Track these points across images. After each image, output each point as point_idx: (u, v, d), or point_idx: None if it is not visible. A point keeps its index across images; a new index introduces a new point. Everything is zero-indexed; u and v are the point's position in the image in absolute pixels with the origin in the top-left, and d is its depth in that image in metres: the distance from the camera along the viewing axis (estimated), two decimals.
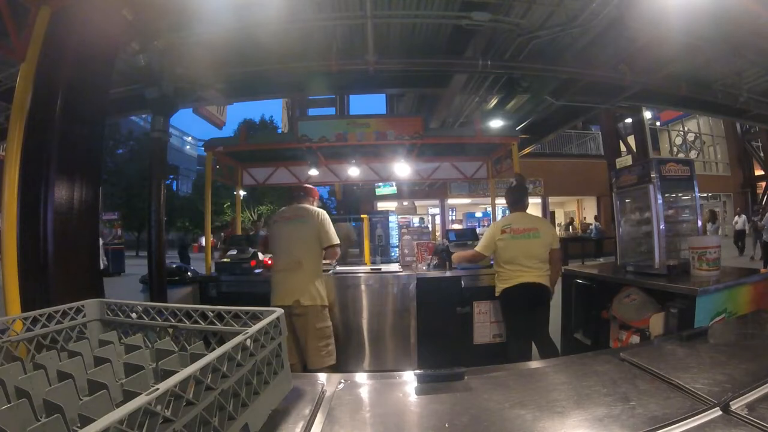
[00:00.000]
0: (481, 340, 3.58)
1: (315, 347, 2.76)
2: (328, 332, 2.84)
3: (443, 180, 8.01)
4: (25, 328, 0.96)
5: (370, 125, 4.59)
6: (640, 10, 3.44)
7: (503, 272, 2.98)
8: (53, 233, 2.16)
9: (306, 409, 0.84)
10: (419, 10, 3.76)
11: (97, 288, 2.48)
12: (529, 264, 2.88)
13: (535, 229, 2.94)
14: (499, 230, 2.98)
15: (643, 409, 0.79)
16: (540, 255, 2.91)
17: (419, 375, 0.98)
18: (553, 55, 4.52)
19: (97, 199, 2.46)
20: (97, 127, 2.53)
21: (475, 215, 17.00)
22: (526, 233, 2.92)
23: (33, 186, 2.13)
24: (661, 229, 2.87)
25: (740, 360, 1.01)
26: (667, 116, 18.93)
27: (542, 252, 2.91)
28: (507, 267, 2.94)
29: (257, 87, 4.79)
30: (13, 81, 1.94)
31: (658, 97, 5.66)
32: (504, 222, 3.03)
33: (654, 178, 2.89)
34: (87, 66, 2.38)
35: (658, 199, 2.88)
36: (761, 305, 2.50)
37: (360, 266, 4.40)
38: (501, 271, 3.01)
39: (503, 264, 2.97)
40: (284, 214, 3.02)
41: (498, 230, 2.99)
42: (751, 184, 18.40)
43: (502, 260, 2.98)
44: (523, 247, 2.90)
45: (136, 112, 5.44)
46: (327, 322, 2.85)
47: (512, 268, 2.91)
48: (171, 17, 3.44)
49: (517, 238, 2.92)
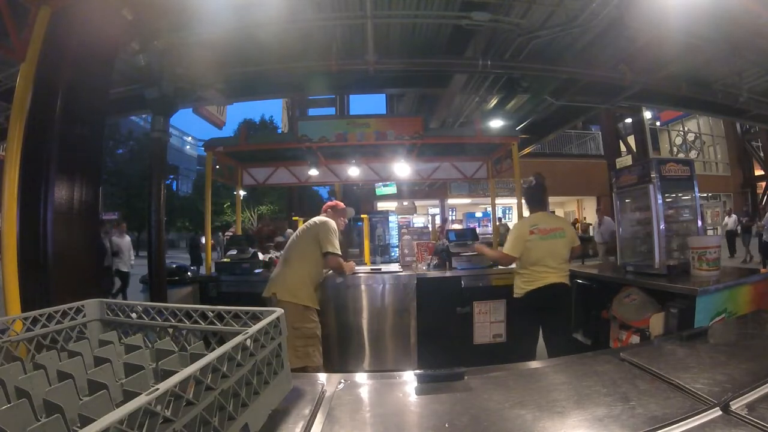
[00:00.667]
0: (481, 340, 3.58)
1: (291, 345, 2.73)
2: (308, 333, 2.77)
3: (443, 180, 8.02)
4: (25, 328, 0.96)
5: (370, 125, 4.59)
6: (640, 10, 3.44)
7: (528, 274, 2.84)
8: (53, 233, 2.16)
9: (306, 409, 0.84)
10: (419, 10, 3.76)
11: (97, 287, 2.48)
12: (555, 264, 2.80)
13: (561, 229, 2.86)
14: (527, 231, 2.84)
15: (643, 409, 0.79)
16: (564, 255, 2.84)
17: (419, 375, 0.98)
18: (553, 55, 4.52)
19: (97, 199, 2.46)
20: (97, 127, 2.53)
21: (475, 215, 16.99)
22: (552, 233, 2.83)
23: (33, 186, 2.13)
24: (661, 229, 2.87)
25: (740, 360, 1.01)
26: (667, 116, 18.92)
27: (566, 252, 2.86)
28: (533, 269, 2.82)
29: (257, 87, 4.79)
30: (13, 81, 1.94)
31: (658, 97, 5.66)
32: (530, 222, 2.90)
33: (654, 178, 2.90)
34: (87, 66, 2.38)
35: (658, 199, 2.88)
36: (761, 305, 2.50)
37: (360, 266, 4.41)
38: (525, 273, 2.86)
39: (529, 266, 2.84)
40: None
41: (525, 231, 2.85)
42: (751, 184, 18.39)
43: (528, 262, 2.84)
44: (550, 247, 2.80)
45: (136, 112, 5.44)
46: (309, 324, 2.79)
47: (538, 269, 2.80)
48: (171, 17, 3.43)
49: (545, 239, 2.81)
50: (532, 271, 2.82)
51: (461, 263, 3.79)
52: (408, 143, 4.67)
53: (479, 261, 3.80)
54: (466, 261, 3.79)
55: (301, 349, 2.72)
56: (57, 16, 2.09)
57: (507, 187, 13.32)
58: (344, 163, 5.44)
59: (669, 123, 19.41)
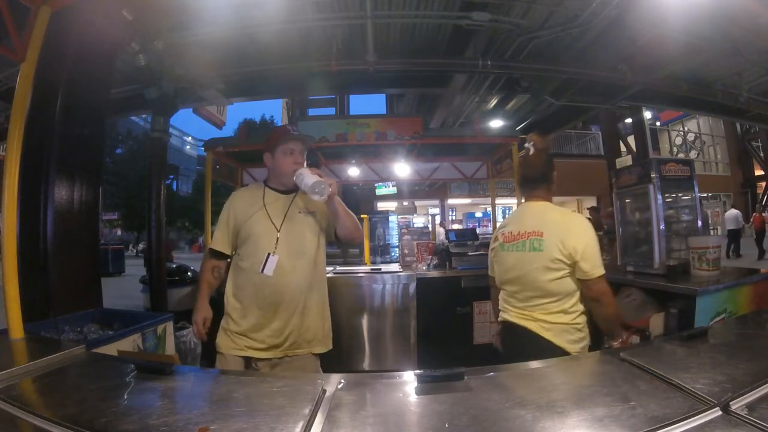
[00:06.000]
0: (481, 340, 3.58)
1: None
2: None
3: (443, 180, 8.03)
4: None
5: (370, 125, 4.59)
6: (640, 10, 3.44)
7: (499, 303, 1.81)
8: (53, 233, 2.17)
9: (306, 409, 0.83)
10: (419, 10, 3.76)
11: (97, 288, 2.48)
12: (517, 294, 1.64)
13: (536, 235, 1.56)
14: (495, 235, 1.83)
15: (643, 409, 0.78)
16: (539, 282, 1.54)
17: (419, 375, 0.98)
18: (553, 55, 4.52)
19: (97, 199, 2.46)
20: (97, 127, 2.53)
21: (475, 215, 17.00)
22: (518, 241, 1.63)
23: (33, 186, 2.13)
24: (661, 229, 2.87)
25: (740, 360, 1.00)
26: (667, 116, 18.92)
27: (544, 276, 1.52)
28: (501, 294, 1.79)
29: (257, 87, 4.79)
30: (13, 81, 1.94)
31: (658, 97, 5.66)
32: (503, 222, 1.87)
33: (654, 178, 2.89)
34: (87, 66, 2.38)
35: (658, 199, 2.88)
36: (761, 305, 2.49)
37: (360, 266, 4.40)
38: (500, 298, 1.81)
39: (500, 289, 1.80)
40: None
41: (494, 236, 1.85)
42: (751, 184, 18.41)
43: (499, 282, 1.80)
44: (514, 263, 1.64)
45: (136, 112, 5.45)
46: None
47: (502, 295, 1.77)
48: (171, 17, 3.43)
49: (507, 250, 1.68)
50: (500, 300, 1.78)
51: (461, 263, 3.79)
52: (408, 143, 4.67)
53: (479, 261, 3.80)
54: (466, 261, 3.79)
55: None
56: (57, 16, 2.08)
57: (507, 187, 13.32)
58: (344, 163, 5.44)
59: (669, 123, 19.43)
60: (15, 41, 1.61)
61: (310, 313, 1.71)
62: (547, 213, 1.63)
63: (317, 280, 1.76)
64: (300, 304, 1.68)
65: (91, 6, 2.33)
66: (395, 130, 4.55)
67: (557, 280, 1.51)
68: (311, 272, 1.72)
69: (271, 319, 1.65)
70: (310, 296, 1.71)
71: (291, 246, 1.68)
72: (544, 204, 1.67)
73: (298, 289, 1.68)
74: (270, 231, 1.68)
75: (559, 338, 1.51)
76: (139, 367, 1.06)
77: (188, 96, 4.34)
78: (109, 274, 12.54)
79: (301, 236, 1.72)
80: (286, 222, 1.70)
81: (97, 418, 0.80)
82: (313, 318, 1.72)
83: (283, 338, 1.66)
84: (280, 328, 1.65)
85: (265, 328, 1.65)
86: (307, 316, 1.70)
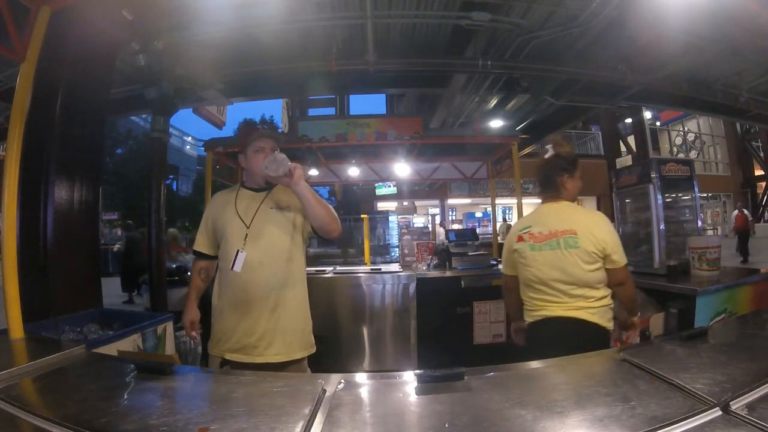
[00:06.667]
0: (481, 340, 3.58)
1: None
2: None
3: (443, 180, 8.03)
4: None
5: (370, 125, 4.59)
6: (640, 10, 3.44)
7: (526, 301, 1.86)
8: (53, 233, 2.16)
9: (306, 408, 0.83)
10: (419, 10, 3.76)
11: (97, 288, 2.48)
12: (561, 288, 1.73)
13: (569, 233, 1.72)
14: (515, 237, 1.87)
15: (643, 409, 0.79)
16: (579, 275, 1.70)
17: (419, 375, 0.98)
18: (553, 55, 4.52)
19: (97, 199, 2.46)
20: (97, 127, 2.53)
21: (474, 215, 17.00)
22: (550, 241, 1.75)
23: (33, 186, 2.13)
24: (661, 229, 2.87)
25: (740, 360, 1.01)
26: (667, 116, 18.91)
27: (582, 271, 1.70)
28: (530, 295, 1.83)
29: (257, 87, 4.79)
30: (13, 81, 1.94)
31: (658, 97, 5.66)
32: (522, 223, 1.93)
33: (654, 178, 2.89)
34: (87, 66, 2.38)
35: (658, 199, 2.88)
36: (761, 305, 2.50)
37: (360, 266, 4.40)
38: (524, 300, 1.87)
39: (526, 289, 1.86)
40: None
41: (513, 237, 1.89)
42: (751, 184, 18.39)
43: (524, 284, 1.87)
44: (550, 262, 1.75)
45: (136, 112, 5.45)
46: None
47: (535, 295, 1.81)
48: (171, 17, 3.43)
49: (538, 250, 1.78)
50: (530, 299, 1.83)
51: (461, 263, 3.79)
52: (408, 143, 4.67)
53: (479, 261, 3.80)
54: (466, 261, 3.79)
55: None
56: (57, 16, 2.09)
57: (507, 187, 13.31)
58: (344, 163, 5.45)
59: (669, 123, 19.41)
60: (15, 41, 1.62)
61: (286, 313, 1.64)
62: (573, 212, 1.81)
63: (292, 278, 1.68)
64: (271, 302, 1.62)
65: (91, 6, 2.33)
66: (395, 130, 4.55)
67: (594, 271, 1.71)
68: (284, 269, 1.66)
69: (243, 318, 1.61)
70: (283, 294, 1.64)
71: (259, 242, 1.63)
72: (565, 204, 1.83)
73: (268, 286, 1.62)
74: (240, 228, 1.65)
75: (602, 320, 1.72)
76: (139, 367, 1.06)
77: (188, 96, 4.34)
78: (110, 274, 12.55)
79: (271, 232, 1.66)
80: (256, 219, 1.66)
81: (97, 418, 0.80)
82: (289, 318, 1.66)
83: (256, 338, 1.60)
84: (251, 327, 1.60)
85: (238, 328, 1.61)
86: (281, 315, 1.63)
